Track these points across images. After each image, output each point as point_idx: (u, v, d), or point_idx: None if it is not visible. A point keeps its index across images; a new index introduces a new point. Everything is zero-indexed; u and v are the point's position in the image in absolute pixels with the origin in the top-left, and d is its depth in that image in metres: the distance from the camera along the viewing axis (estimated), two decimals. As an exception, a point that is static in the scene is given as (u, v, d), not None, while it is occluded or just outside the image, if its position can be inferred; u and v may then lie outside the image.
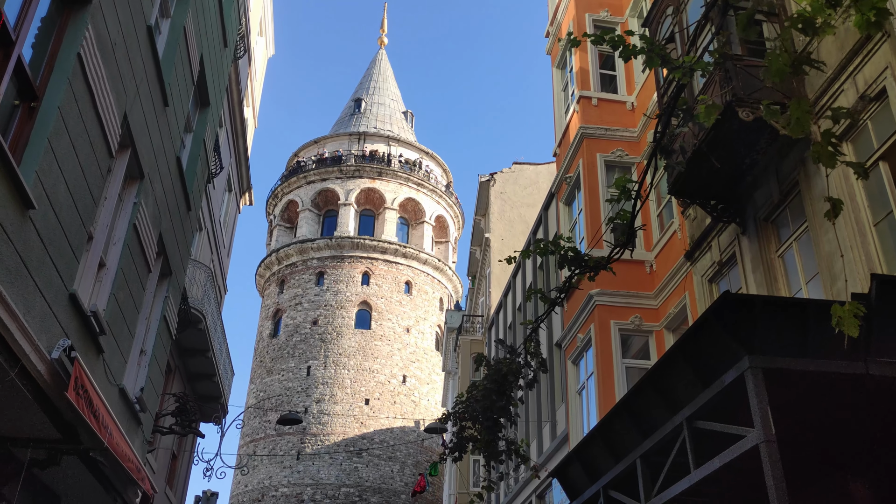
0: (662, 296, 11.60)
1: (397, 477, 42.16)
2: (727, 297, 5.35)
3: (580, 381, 12.53)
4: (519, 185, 27.78)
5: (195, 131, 10.30)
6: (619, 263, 12.27)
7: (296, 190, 50.71)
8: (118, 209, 7.50)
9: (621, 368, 11.36)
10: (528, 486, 17.67)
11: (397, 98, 59.65)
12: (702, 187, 9.51)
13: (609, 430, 7.49)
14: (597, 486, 7.80)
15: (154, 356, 9.18)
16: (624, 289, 11.90)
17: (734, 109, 8.08)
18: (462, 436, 10.41)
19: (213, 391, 16.65)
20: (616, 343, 11.51)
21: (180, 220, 9.59)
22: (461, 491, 24.38)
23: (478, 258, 30.94)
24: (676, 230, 11.38)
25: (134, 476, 7.52)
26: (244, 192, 20.71)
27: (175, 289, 9.84)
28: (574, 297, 12.99)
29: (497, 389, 9.29)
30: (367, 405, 43.41)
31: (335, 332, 45.27)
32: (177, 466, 16.57)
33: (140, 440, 8.90)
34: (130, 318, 7.85)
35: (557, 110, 15.60)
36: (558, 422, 15.75)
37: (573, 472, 8.48)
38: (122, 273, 7.42)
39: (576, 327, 12.49)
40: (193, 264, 14.57)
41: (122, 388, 7.76)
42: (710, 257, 10.25)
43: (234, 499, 42.64)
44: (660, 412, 6.57)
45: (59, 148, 5.55)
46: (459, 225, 54.13)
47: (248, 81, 19.66)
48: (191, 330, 14.21)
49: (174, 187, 9.10)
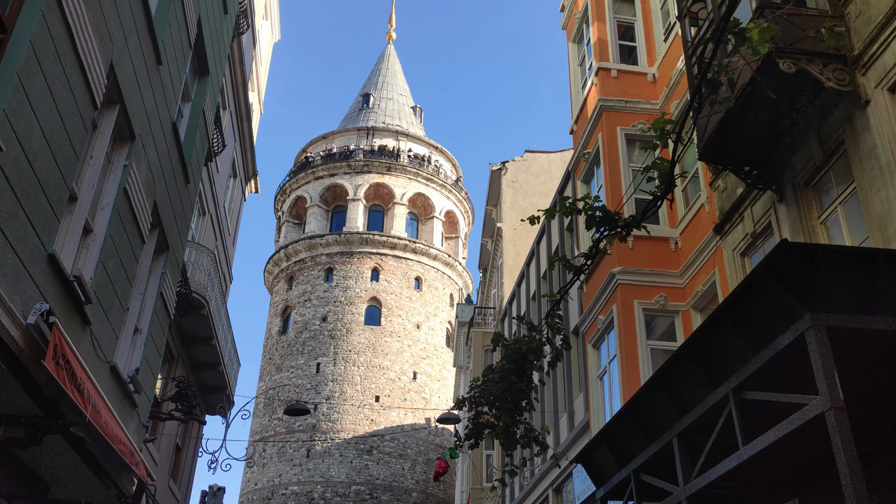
0: (689, 274, 10.94)
1: (408, 475, 41.56)
2: (786, 246, 4.70)
3: (601, 366, 11.88)
4: (531, 174, 27.12)
5: (194, 101, 9.74)
6: (643, 241, 11.69)
7: (304, 186, 50.20)
8: (107, 171, 6.93)
9: (646, 350, 10.70)
10: (545, 480, 17.02)
11: (406, 93, 59.12)
12: (734, 152, 8.84)
13: (641, 409, 6.85)
14: (627, 471, 7.16)
15: (150, 336, 8.61)
16: (648, 267, 11.25)
17: (774, 61, 7.42)
18: (478, 422, 9.79)
19: (218, 381, 16.10)
20: (640, 324, 10.86)
21: (178, 193, 9.02)
22: (474, 486, 23.75)
23: (489, 250, 30.31)
24: (704, 203, 10.71)
25: (126, 460, 6.94)
26: (250, 179, 20.17)
27: (173, 266, 9.27)
28: (594, 278, 12.35)
29: (516, 370, 8.65)
30: (378, 402, 42.83)
31: (345, 329, 44.72)
32: (181, 459, 16.04)
33: (136, 424, 8.34)
34: (122, 290, 7.28)
35: (574, 86, 14.95)
36: (576, 411, 15.10)
37: (600, 457, 7.84)
38: (112, 240, 6.86)
39: (596, 309, 11.84)
40: (197, 249, 14.03)
41: (113, 366, 7.19)
42: (743, 229, 9.58)
43: (244, 497, 42.18)
44: (701, 385, 5.94)
45: (32, 88, 4.98)
46: (469, 220, 53.51)
47: (252, 65, 19.13)
48: (193, 316, 13.66)
49: (170, 156, 8.53)
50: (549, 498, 16.69)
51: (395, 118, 54.06)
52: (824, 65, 7.49)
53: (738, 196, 9.63)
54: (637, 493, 6.98)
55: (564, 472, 15.51)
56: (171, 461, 15.23)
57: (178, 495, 15.64)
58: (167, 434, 14.35)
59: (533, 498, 18.06)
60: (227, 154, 17.31)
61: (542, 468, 16.75)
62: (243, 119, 17.97)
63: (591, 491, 10.53)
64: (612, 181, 12.01)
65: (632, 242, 11.46)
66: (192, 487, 16.93)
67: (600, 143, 12.52)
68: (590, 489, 10.47)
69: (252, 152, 19.54)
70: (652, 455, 6.77)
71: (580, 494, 10.84)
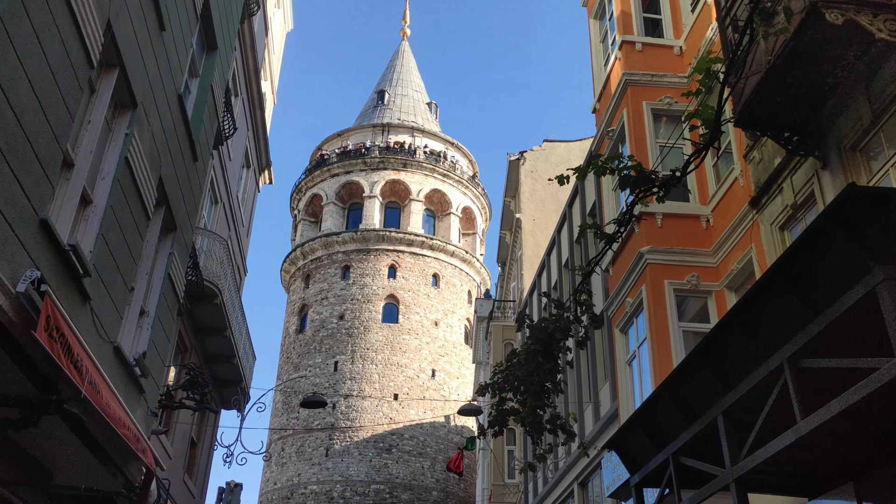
0: (722, 252, 10.37)
1: (428, 473, 41.10)
2: (853, 191, 4.17)
3: (630, 351, 11.34)
4: (550, 164, 26.54)
5: (202, 76, 9.35)
6: (672, 219, 11.12)
7: (320, 183, 49.93)
8: (107, 139, 6.54)
9: (678, 333, 10.15)
10: (569, 474, 16.48)
11: (421, 89, 58.75)
12: (774, 116, 8.28)
13: (680, 386, 6.33)
14: (665, 454, 6.64)
15: (158, 319, 8.22)
16: (678, 245, 10.69)
17: (820, 11, 6.87)
18: (502, 408, 9.30)
19: (233, 374, 15.74)
20: (671, 305, 10.31)
21: (185, 171, 8.63)
22: (496, 483, 23.24)
23: (508, 242, 29.79)
24: (738, 177, 10.14)
25: (131, 445, 6.53)
26: (263, 170, 19.82)
27: (181, 247, 8.88)
28: (620, 259, 11.80)
29: (543, 350, 8.16)
30: (396, 400, 42.42)
31: (362, 327, 44.36)
32: (196, 454, 15.69)
33: (144, 411, 7.94)
34: (125, 267, 6.89)
35: (596, 64, 14.41)
36: (602, 402, 14.56)
37: (634, 441, 7.32)
38: (113, 212, 6.46)
39: (624, 291, 11.29)
40: (209, 236, 13.67)
41: (117, 347, 6.80)
42: (782, 201, 9.01)
43: (264, 497, 41.96)
44: (750, 355, 5.42)
45: (17, 34, 4.58)
46: (487, 217, 52.97)
47: (265, 53, 18.78)
48: (206, 305, 13.29)
49: (176, 130, 8.14)
50: (574, 492, 16.15)
51: (410, 114, 53.69)
52: (875, 14, 6.92)
53: (777, 166, 9.07)
54: (676, 478, 6.45)
55: (591, 464, 14.96)
56: (187, 456, 14.89)
57: (194, 491, 15.30)
58: (182, 427, 14.00)
59: (557, 493, 17.52)
60: (239, 143, 16.97)
61: (567, 461, 16.21)
62: (256, 107, 17.61)
63: (622, 482, 10.00)
64: (638, 157, 11.45)
65: (661, 220, 10.92)
66: (208, 483, 16.60)
67: (625, 119, 11.97)
68: (619, 479, 9.95)
69: (265, 142, 19.19)
70: (693, 436, 6.24)
71: (609, 485, 10.32)
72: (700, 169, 11.31)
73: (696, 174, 11.25)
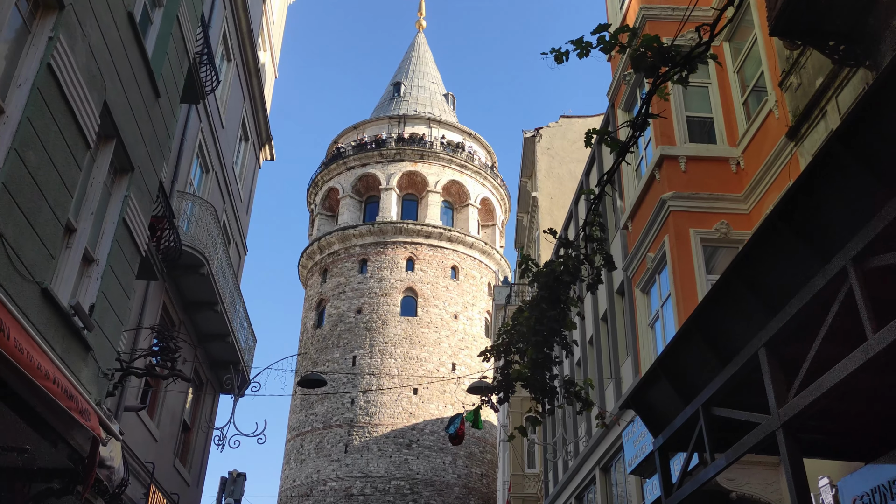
0: (755, 196, 9.15)
1: (449, 469, 40.01)
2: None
3: (652, 312, 10.14)
4: (567, 140, 25.34)
5: (166, 6, 8.39)
6: (697, 163, 9.90)
7: (336, 177, 49.14)
8: (25, 43, 5.57)
9: (706, 287, 8.95)
10: (590, 459, 15.30)
11: (437, 81, 57.83)
12: (816, 20, 7.09)
13: (712, 319, 5.17)
14: (694, 405, 5.49)
15: (112, 269, 7.26)
16: (705, 191, 9.50)
17: None
18: (507, 372, 8.20)
19: (229, 355, 14.81)
20: (698, 256, 9.11)
21: (143, 105, 7.67)
22: (515, 473, 22.08)
23: (525, 225, 28.65)
24: (772, 109, 8.91)
25: (60, 402, 5.54)
26: (263, 145, 18.92)
27: (141, 192, 7.91)
28: (640, 213, 10.62)
29: (549, 297, 7.03)
30: (416, 395, 41.43)
31: (380, 321, 43.43)
32: (191, 439, 14.78)
33: (92, 372, 6.97)
34: (55, 197, 5.91)
35: (611, 9, 13.24)
36: (624, 378, 13.38)
37: (657, 395, 6.16)
38: (32, 126, 5.49)
39: (645, 246, 10.11)
40: (197, 203, 12.74)
41: (45, 289, 5.82)
42: (826, 126, 7.79)
43: (283, 494, 41.22)
44: (800, 265, 4.28)
45: None
46: (506, 208, 51.77)
47: (262, 21, 17.88)
48: (193, 276, 12.37)
49: (127, 54, 7.18)
50: (597, 477, 14.97)
51: (426, 106, 52.77)
52: None
53: (819, 87, 7.85)
54: (708, 433, 5.29)
55: (613, 446, 13.77)
56: (179, 441, 13.98)
57: (188, 478, 14.38)
58: (171, 409, 13.10)
59: (578, 479, 16.34)
60: (234, 111, 16.07)
61: (588, 444, 15.02)
62: (252, 75, 16.70)
63: (645, 454, 8.83)
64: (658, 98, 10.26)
65: (684, 164, 9.74)
66: (206, 472, 15.69)
67: (643, 58, 10.78)
68: (642, 452, 8.77)
69: (265, 115, 18.28)
70: (728, 381, 5.08)
71: (631, 460, 9.16)
72: (727, 108, 10.11)
73: (724, 114, 10.05)
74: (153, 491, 11.25)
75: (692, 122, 10.17)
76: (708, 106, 10.17)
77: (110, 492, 8.37)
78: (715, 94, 10.13)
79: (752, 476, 7.79)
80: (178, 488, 13.36)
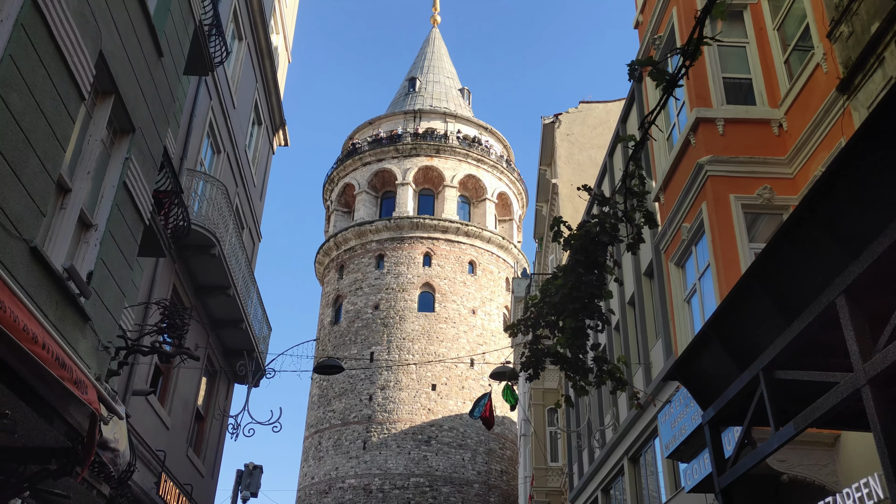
0: (801, 158, 8.49)
1: (469, 465, 39.44)
2: None
3: (688, 286, 9.50)
4: (587, 126, 24.67)
5: (170, -37, 7.90)
6: (736, 125, 9.20)
7: (352, 173, 48.78)
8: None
9: (749, 256, 8.30)
10: (617, 449, 14.65)
11: (453, 76, 57.36)
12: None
13: (777, 266, 4.55)
14: (754, 370, 4.87)
15: (112, 236, 6.76)
16: (745, 154, 8.84)
17: None
18: (537, 347, 7.61)
19: (243, 342, 14.34)
20: (739, 224, 8.46)
21: (144, 62, 7.17)
22: (538, 466, 21.45)
23: (544, 215, 28.01)
24: (820, 62, 8.25)
25: (51, 370, 5.03)
26: (277, 130, 18.46)
27: (143, 156, 7.41)
28: (673, 182, 9.97)
29: (585, 261, 6.43)
30: (434, 391, 40.89)
31: (398, 317, 42.94)
32: (204, 429, 14.32)
33: (90, 344, 6.48)
34: (43, 147, 5.41)
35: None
36: (654, 362, 12.74)
37: (707, 362, 5.54)
38: (14, 65, 5.00)
39: (679, 216, 9.46)
40: (209, 181, 12.27)
41: (34, 248, 5.33)
42: (883, 74, 7.13)
43: (302, 492, 40.87)
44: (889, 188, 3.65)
45: None
46: (523, 203, 51.12)
47: (274, 2, 17.41)
48: (204, 258, 11.91)
49: (126, 4, 6.69)
50: (625, 468, 14.33)
51: (442, 101, 52.28)
52: None
53: (875, 32, 7.18)
54: (772, 400, 4.67)
55: (643, 434, 13.13)
56: (192, 430, 13.53)
57: (202, 469, 13.92)
58: (183, 396, 12.64)
59: (604, 472, 15.71)
60: (246, 92, 15.61)
61: (616, 433, 14.38)
62: (264, 56, 16.24)
63: (685, 436, 8.19)
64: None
65: (722, 127, 9.09)
66: (220, 464, 15.23)
67: (675, 19, 10.17)
68: (682, 434, 8.14)
69: (278, 99, 17.82)
70: (796, 337, 4.45)
71: (668, 443, 8.52)
72: (768, 68, 9.44)
73: (764, 74, 9.39)
74: (164, 480, 10.79)
75: (728, 85, 9.53)
76: (745, 66, 9.52)
77: (116, 477, 7.89)
78: (753, 53, 9.48)
79: (806, 457, 7.15)
80: (191, 479, 12.90)
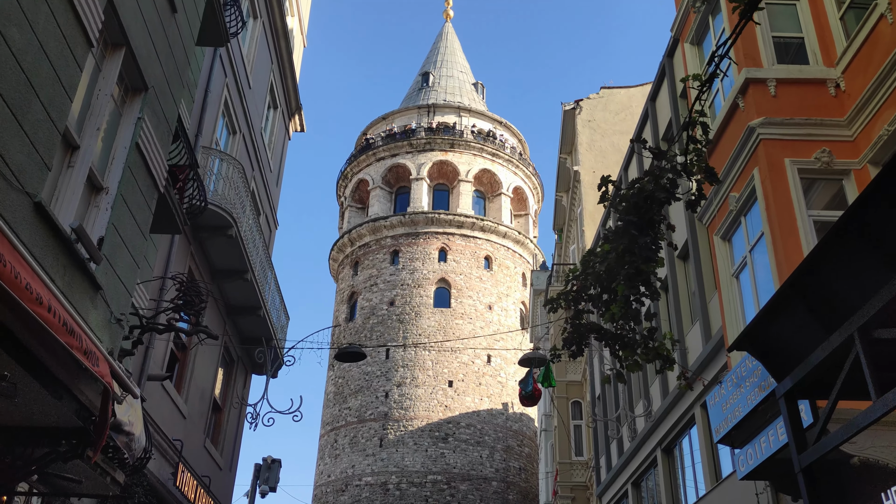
0: (862, 119, 7.87)
1: (486, 462, 38.87)
2: None
3: (737, 260, 8.88)
4: (609, 112, 24.04)
5: (183, -84, 7.41)
6: (788, 86, 8.52)
7: (365, 168, 48.35)
8: None
9: (808, 225, 7.68)
10: (649, 441, 14.04)
11: (466, 70, 56.88)
12: None
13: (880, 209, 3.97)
14: (846, 331, 4.29)
15: (124, 200, 6.27)
16: (800, 116, 8.23)
17: None
18: (579, 322, 7.04)
19: (261, 330, 13.86)
20: (796, 189, 7.85)
21: (157, 15, 6.68)
22: (562, 461, 20.84)
23: (565, 205, 27.38)
24: (884, 13, 7.62)
25: (59, 336, 4.53)
26: (293, 115, 17.98)
27: (157, 118, 6.92)
28: (718, 150, 9.35)
29: (637, 222, 5.86)
30: (451, 387, 40.38)
31: (413, 313, 42.45)
32: (222, 420, 13.85)
33: (102, 315, 5.99)
34: (48, 94, 4.92)
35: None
36: (690, 347, 12.12)
37: (784, 327, 4.95)
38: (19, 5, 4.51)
39: (727, 184, 8.84)
40: (224, 159, 11.78)
41: (39, 203, 4.83)
42: (961, 18, 6.52)
43: (318, 490, 40.49)
44: None
45: None
46: (539, 197, 50.49)
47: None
48: (220, 240, 11.43)
49: (138, -50, 6.20)
50: (658, 460, 13.71)
51: (456, 95, 51.79)
52: None
53: (950, -28, 6.57)
54: (870, 364, 4.08)
55: (678, 424, 12.52)
56: (209, 420, 13.06)
57: (220, 462, 13.45)
58: (200, 385, 12.17)
59: (635, 464, 15.09)
60: (261, 73, 15.14)
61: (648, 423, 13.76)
62: (280, 37, 15.77)
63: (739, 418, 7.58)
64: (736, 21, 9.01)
65: (774, 88, 8.47)
66: (238, 457, 14.76)
67: (717, -22, 9.56)
68: (735, 415, 7.52)
69: (294, 83, 17.35)
70: None
71: (719, 427, 7.90)
72: (821, 26, 8.82)
73: (818, 32, 8.77)
74: (182, 470, 10.32)
75: (779, 45, 8.91)
76: (797, 25, 8.90)
77: (131, 463, 7.39)
78: (805, 11, 8.86)
79: (878, 438, 6.54)
80: (209, 471, 12.43)
